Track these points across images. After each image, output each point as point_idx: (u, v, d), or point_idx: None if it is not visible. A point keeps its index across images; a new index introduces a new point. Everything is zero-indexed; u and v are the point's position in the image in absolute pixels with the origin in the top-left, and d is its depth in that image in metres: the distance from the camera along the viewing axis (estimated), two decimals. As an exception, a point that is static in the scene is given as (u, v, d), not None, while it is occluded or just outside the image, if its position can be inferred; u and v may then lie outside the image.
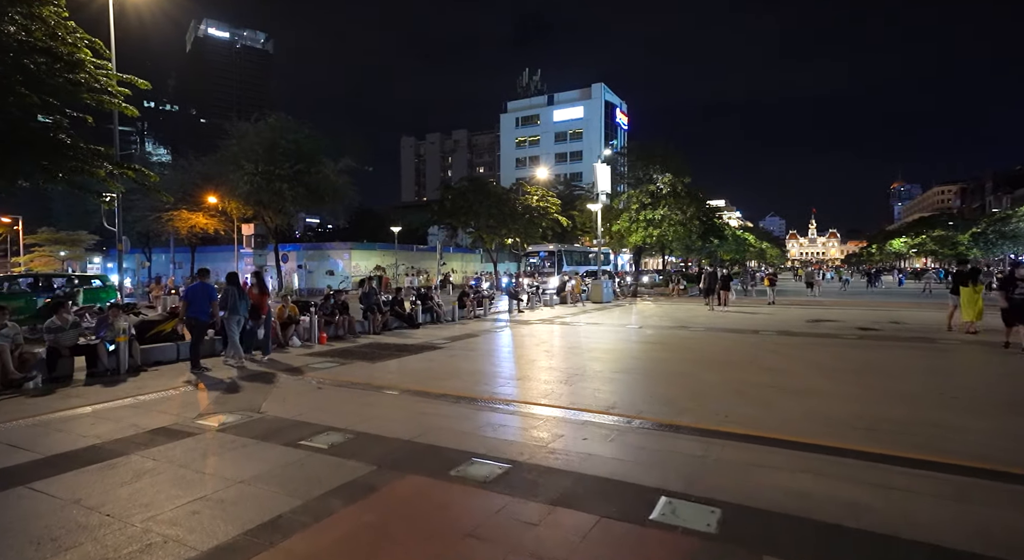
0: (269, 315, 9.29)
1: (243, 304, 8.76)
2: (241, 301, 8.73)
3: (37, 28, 13.05)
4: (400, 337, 12.11)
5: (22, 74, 12.89)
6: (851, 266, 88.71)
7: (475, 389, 6.76)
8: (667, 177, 25.51)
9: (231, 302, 8.59)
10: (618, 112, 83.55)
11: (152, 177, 16.72)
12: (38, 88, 13.33)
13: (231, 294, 8.64)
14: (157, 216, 33.59)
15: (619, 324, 14.55)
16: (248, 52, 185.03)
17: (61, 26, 13.47)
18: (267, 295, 9.34)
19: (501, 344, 11.02)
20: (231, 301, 8.59)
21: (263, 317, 9.05)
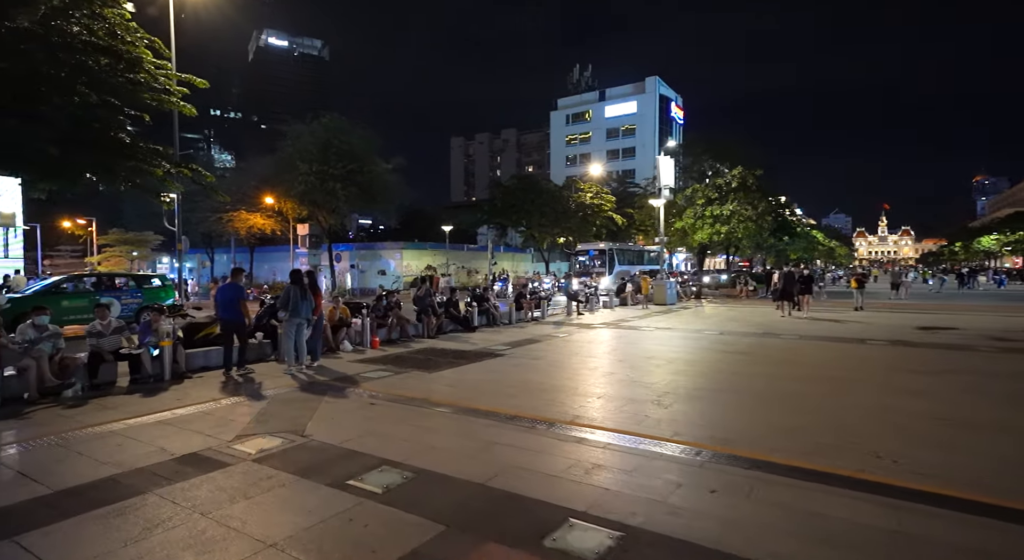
0: (320, 318, 8.58)
1: (305, 306, 8.06)
2: (303, 302, 8.03)
3: (99, 27, 13.00)
4: (456, 342, 11.24)
5: (86, 75, 12.89)
6: (928, 266, 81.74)
7: (551, 410, 5.71)
8: (737, 170, 23.57)
9: (292, 303, 7.92)
10: (673, 106, 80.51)
11: (208, 177, 16.67)
12: (99, 88, 13.32)
13: (292, 294, 7.98)
14: (218, 217, 34.56)
15: (693, 329, 13.13)
16: (305, 59, 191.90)
17: (121, 25, 13.41)
18: (319, 295, 8.62)
19: (567, 351, 9.92)
20: (292, 302, 7.92)
21: (314, 319, 8.35)
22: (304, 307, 7.98)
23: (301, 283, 8.16)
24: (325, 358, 9.00)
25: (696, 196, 24.50)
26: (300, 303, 7.94)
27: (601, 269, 30.40)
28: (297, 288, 8.04)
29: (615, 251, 31.94)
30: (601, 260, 31.42)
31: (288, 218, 34.05)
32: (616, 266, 30.50)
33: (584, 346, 10.61)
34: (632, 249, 36.97)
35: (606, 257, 31.11)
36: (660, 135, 78.03)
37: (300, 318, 7.92)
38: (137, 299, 15.32)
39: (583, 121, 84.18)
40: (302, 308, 7.94)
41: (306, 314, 8.01)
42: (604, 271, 29.96)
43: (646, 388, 6.75)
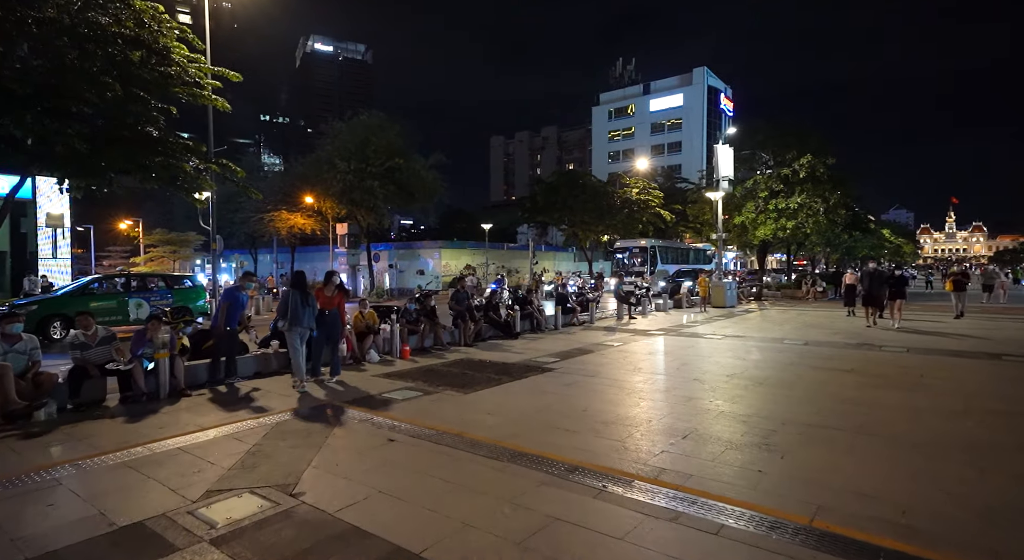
0: (339, 325, 7.37)
1: (307, 313, 6.91)
2: (305, 308, 6.88)
3: (128, 17, 12.36)
4: (496, 351, 9.89)
5: (117, 69, 12.31)
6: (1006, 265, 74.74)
7: (626, 457, 4.25)
8: (806, 158, 21.24)
9: (291, 311, 6.78)
10: (723, 98, 76.87)
11: (239, 172, 15.92)
12: (131, 82, 12.75)
13: (291, 301, 6.84)
14: (259, 217, 34.59)
15: (770, 338, 11.32)
16: (350, 64, 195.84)
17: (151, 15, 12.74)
18: (340, 298, 7.41)
19: (627, 365, 8.40)
20: (290, 309, 6.78)
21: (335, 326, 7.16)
22: (306, 315, 6.83)
23: (302, 287, 7.01)
24: (348, 371, 7.82)
25: (758, 188, 22.23)
26: (300, 310, 6.78)
27: (641, 268, 28.25)
28: (298, 293, 6.88)
29: (657, 248, 29.80)
30: (642, 258, 29.31)
31: (327, 217, 33.71)
32: (658, 264, 28.46)
33: (645, 359, 9.05)
34: (676, 247, 34.40)
35: (647, 255, 28.97)
36: (708, 128, 74.60)
37: (302, 327, 6.77)
38: (167, 300, 14.74)
39: (626, 116, 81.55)
40: (303, 316, 6.79)
41: (308, 323, 6.86)
42: (644, 270, 27.79)
43: (743, 422, 5.18)
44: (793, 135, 22.34)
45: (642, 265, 28.69)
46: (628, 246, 30.99)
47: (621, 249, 31.31)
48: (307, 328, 6.90)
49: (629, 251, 30.53)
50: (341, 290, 7.39)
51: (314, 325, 7.01)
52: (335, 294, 7.31)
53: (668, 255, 31.35)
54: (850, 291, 16.29)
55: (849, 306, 16.21)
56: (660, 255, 29.69)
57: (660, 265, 28.82)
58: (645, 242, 30.25)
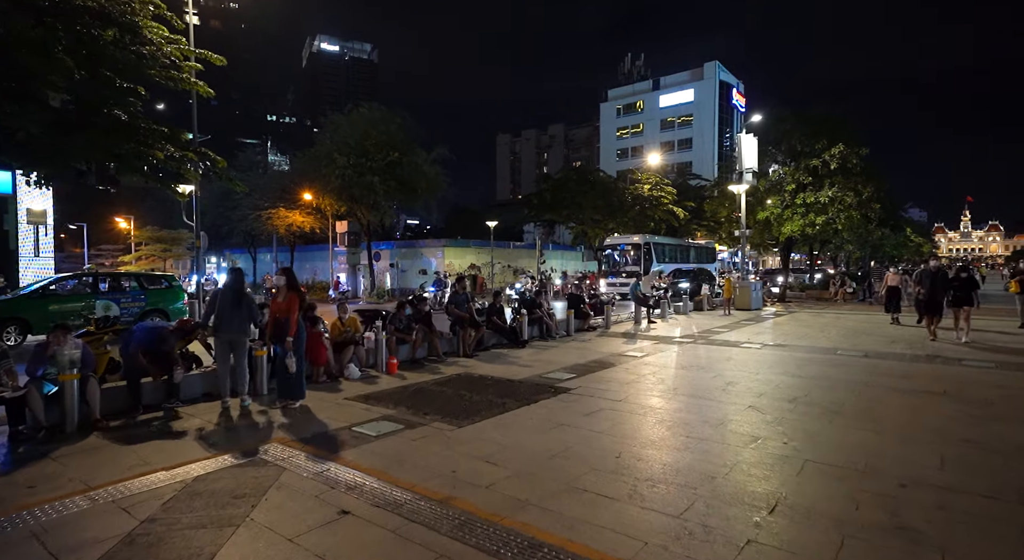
0: (300, 337, 5.89)
1: (237, 317, 5.53)
2: (234, 312, 5.50)
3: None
4: (501, 363, 8.42)
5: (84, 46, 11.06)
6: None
7: (700, 554, 2.76)
8: (837, 148, 19.61)
9: (218, 311, 5.44)
10: (735, 93, 74.95)
11: (220, 162, 14.61)
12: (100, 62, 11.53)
13: (219, 300, 5.51)
14: (256, 215, 33.33)
15: (818, 348, 9.76)
16: (356, 63, 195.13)
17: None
18: (292, 302, 5.91)
19: (658, 384, 6.90)
20: (217, 309, 5.45)
21: (291, 339, 5.68)
22: (235, 319, 5.44)
23: (237, 283, 5.61)
24: (318, 391, 6.37)
25: (784, 181, 20.62)
26: (229, 313, 5.40)
27: (634, 267, 24.97)
28: (230, 292, 5.48)
29: (653, 245, 26.29)
30: (635, 256, 25.86)
31: (327, 215, 32.41)
32: (653, 263, 25.07)
33: (678, 375, 7.54)
34: (675, 244, 31.19)
35: (641, 252, 25.47)
36: (720, 124, 72.81)
37: (232, 333, 5.39)
38: (140, 302, 13.40)
39: (635, 112, 79.80)
40: (233, 319, 5.41)
41: (238, 328, 5.46)
42: (638, 269, 24.49)
43: (842, 480, 3.68)
44: (824, 123, 20.70)
45: (635, 264, 25.29)
46: (619, 242, 27.51)
47: (611, 246, 27.88)
48: (240, 334, 5.52)
49: (620, 248, 27.15)
50: (294, 291, 5.89)
51: (251, 332, 5.64)
52: (287, 297, 5.83)
53: (666, 253, 28.20)
54: (893, 294, 13.98)
55: (893, 312, 13.87)
56: (656, 253, 26.40)
57: (656, 264, 25.34)
58: (639, 238, 26.71)
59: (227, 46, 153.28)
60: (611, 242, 28.25)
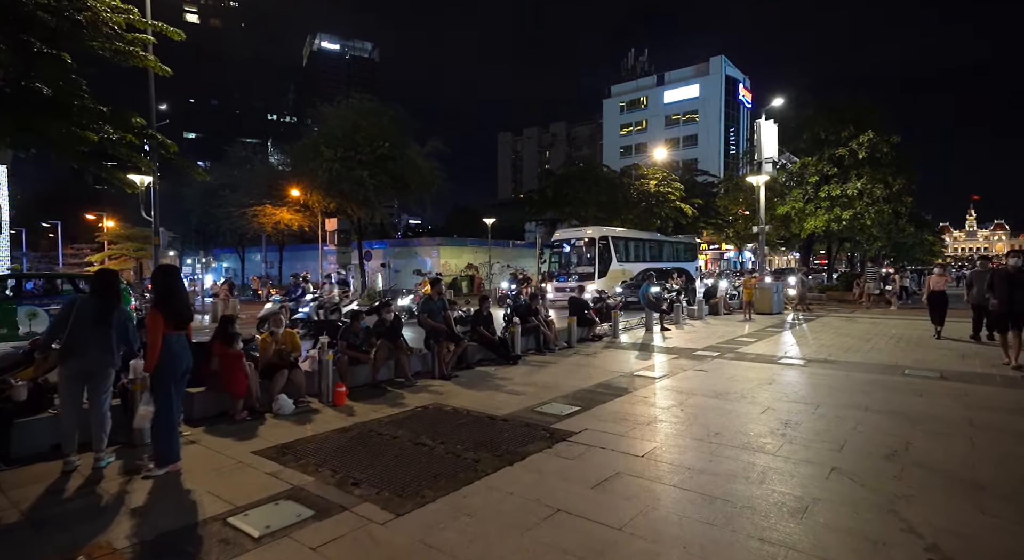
0: (165, 373, 4.02)
1: (99, 340, 3.82)
2: (96, 332, 3.79)
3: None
4: (484, 387, 6.65)
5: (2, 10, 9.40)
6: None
7: None
8: (866, 135, 17.79)
9: (71, 331, 3.73)
10: (741, 88, 73.06)
11: (172, 147, 12.89)
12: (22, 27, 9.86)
13: (73, 315, 3.78)
14: (241, 212, 31.62)
15: (875, 365, 7.94)
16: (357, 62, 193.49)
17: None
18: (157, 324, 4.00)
19: (691, 426, 5.11)
20: (70, 329, 3.73)
21: (145, 375, 3.91)
22: (94, 342, 3.76)
23: (104, 294, 3.87)
24: (223, 438, 4.62)
25: (807, 172, 18.80)
26: (87, 333, 3.70)
27: (586, 267, 20.49)
28: (90, 303, 3.76)
29: (612, 241, 21.35)
30: (589, 254, 20.71)
31: (315, 212, 30.70)
32: (612, 263, 20.86)
33: (711, 409, 5.73)
34: (642, 239, 25.81)
35: (595, 250, 20.40)
36: (726, 121, 70.92)
37: (88, 364, 3.86)
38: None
39: (639, 109, 77.92)
40: (87, 344, 3.71)
41: (98, 357, 3.91)
42: (591, 270, 20.15)
43: None
44: (849, 110, 18.87)
45: (587, 264, 20.69)
46: (570, 237, 22.19)
47: (561, 242, 22.47)
48: (100, 365, 3.80)
49: (571, 244, 21.84)
50: (157, 304, 4.06)
51: (117, 362, 3.89)
52: (150, 313, 4.04)
53: (630, 250, 23.46)
54: (938, 301, 11.26)
55: (936, 323, 11.21)
56: (617, 249, 21.72)
57: (616, 264, 21.03)
58: (593, 232, 21.44)
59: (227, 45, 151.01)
60: (560, 237, 22.91)
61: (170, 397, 3.83)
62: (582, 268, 20.85)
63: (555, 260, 22.47)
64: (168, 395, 3.82)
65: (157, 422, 3.81)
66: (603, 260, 20.56)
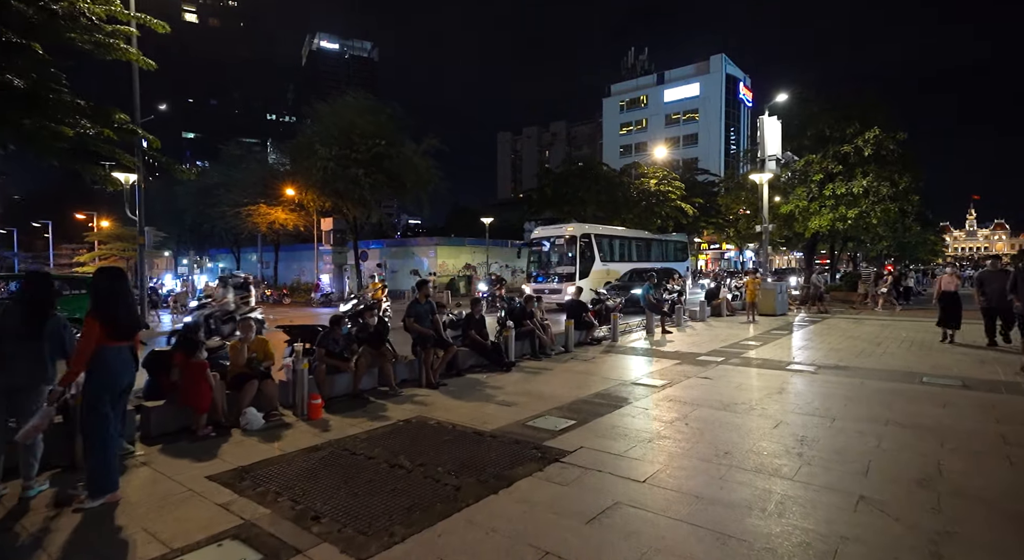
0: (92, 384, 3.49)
1: (28, 353, 3.40)
2: (23, 345, 3.37)
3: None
4: (473, 397, 6.19)
5: None
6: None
7: None
8: (872, 132, 17.34)
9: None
10: (741, 87, 72.60)
11: (154, 143, 12.47)
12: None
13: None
14: (235, 212, 31.12)
15: (889, 372, 7.48)
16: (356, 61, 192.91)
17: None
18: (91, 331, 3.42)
19: (698, 443, 4.65)
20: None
21: (56, 388, 3.45)
22: (21, 355, 3.46)
23: (33, 300, 3.43)
24: (180, 458, 4.16)
25: (811, 170, 18.33)
26: (12, 345, 3.34)
27: (567, 267, 19.08)
28: (18, 310, 3.34)
29: (594, 238, 19.83)
30: (570, 252, 19.11)
31: (310, 211, 30.24)
32: (596, 262, 19.49)
33: (719, 423, 5.27)
34: (627, 236, 23.99)
35: (576, 248, 18.87)
36: (727, 119, 70.46)
37: (17, 378, 3.48)
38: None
39: (639, 108, 77.43)
40: (13, 357, 3.35)
41: (27, 371, 3.51)
42: (572, 270, 18.75)
43: None
44: (855, 106, 18.40)
45: (570, 263, 19.15)
46: (550, 235, 20.46)
47: (540, 239, 20.84)
48: (30, 380, 3.37)
49: (550, 242, 20.25)
50: (93, 311, 3.55)
51: (52, 377, 3.43)
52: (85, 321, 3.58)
53: (615, 248, 21.99)
54: (951, 303, 10.44)
55: (948, 327, 10.40)
56: (600, 248, 20.17)
57: (600, 263, 19.63)
58: (573, 229, 19.79)
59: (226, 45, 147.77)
60: (539, 234, 21.24)
61: (104, 417, 3.37)
62: (563, 268, 19.38)
63: (535, 259, 20.98)
64: (101, 415, 3.35)
65: (89, 446, 3.36)
66: (585, 259, 19.17)
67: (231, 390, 5.24)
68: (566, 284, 18.34)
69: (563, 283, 18.62)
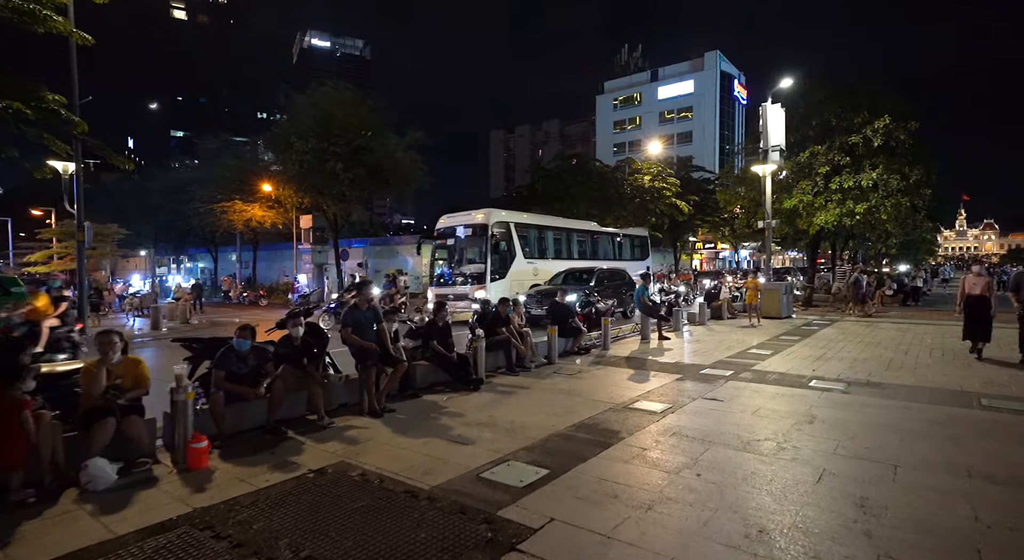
0: None
1: None
2: None
3: None
4: (420, 432, 4.79)
5: None
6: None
7: None
8: (882, 121, 16.11)
9: None
10: (736, 84, 71.59)
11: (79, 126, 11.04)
12: None
13: None
14: (210, 208, 29.56)
15: (935, 390, 6.17)
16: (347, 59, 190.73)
17: None
18: None
19: (708, 508, 3.31)
20: None
21: None
22: None
23: None
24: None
25: (816, 162, 17.07)
26: None
27: (477, 266, 14.99)
28: None
29: (514, 229, 15.78)
30: (478, 246, 15.14)
31: (288, 208, 28.75)
32: (516, 260, 15.67)
33: (738, 471, 3.93)
34: (562, 228, 19.27)
35: (486, 241, 14.76)
36: (721, 117, 69.44)
37: None
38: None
39: (632, 105, 76.25)
40: None
41: None
42: (482, 269, 14.71)
43: None
44: (863, 94, 17.17)
45: (478, 261, 15.02)
46: (457, 224, 15.79)
47: (446, 230, 16.19)
48: None
49: (455, 235, 15.72)
50: None
51: None
52: None
53: (545, 243, 17.36)
54: (979, 309, 8.32)
55: (977, 339, 8.38)
56: (524, 242, 16.13)
57: (523, 261, 15.83)
58: (485, 215, 15.34)
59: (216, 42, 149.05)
60: (446, 223, 16.39)
61: None
62: (470, 267, 15.13)
63: (442, 256, 16.39)
64: None
65: None
66: (499, 255, 14.97)
67: (82, 430, 3.84)
68: (474, 287, 14.21)
69: (471, 286, 14.42)
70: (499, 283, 14.78)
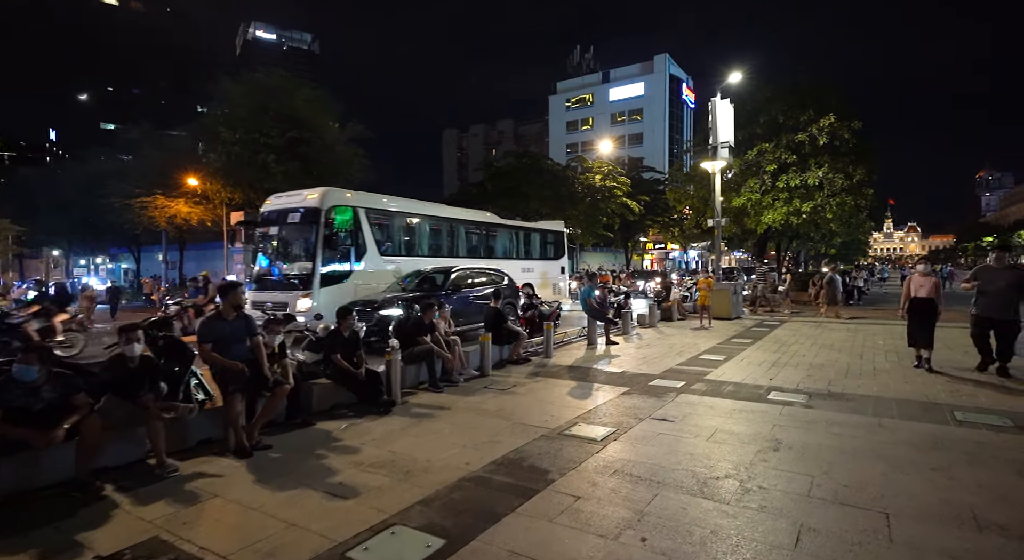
0: None
1: None
2: None
3: None
4: (291, 479, 3.60)
5: None
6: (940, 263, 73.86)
7: None
8: (827, 120, 16.05)
9: None
10: (684, 88, 73.08)
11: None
12: None
13: None
14: (125, 203, 26.83)
15: (901, 402, 5.55)
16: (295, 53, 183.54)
17: None
18: None
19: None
20: None
21: None
22: None
23: None
24: None
25: (763, 160, 16.90)
26: None
27: (305, 264, 10.75)
28: None
29: (364, 216, 11.41)
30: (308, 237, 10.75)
31: (216, 204, 26.51)
32: (369, 258, 11.40)
33: (701, 525, 3.02)
34: (441, 218, 14.46)
35: (318, 231, 10.50)
36: (670, 119, 70.67)
37: None
38: None
39: (585, 106, 76.57)
40: None
41: None
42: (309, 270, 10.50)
43: None
44: (811, 92, 17.12)
45: (308, 257, 10.68)
46: (284, 207, 11.34)
47: (270, 214, 11.62)
48: None
49: (280, 221, 11.26)
50: None
51: None
52: None
53: (417, 239, 13.29)
54: (924, 312, 7.41)
55: (920, 345, 7.46)
56: (380, 233, 11.96)
57: (376, 259, 11.60)
58: (317, 197, 10.89)
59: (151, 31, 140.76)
60: (271, 207, 11.79)
61: None
62: (297, 265, 11.01)
63: (266, 250, 11.65)
64: None
65: None
66: (338, 251, 10.81)
67: None
68: (298, 295, 10.28)
69: (294, 293, 10.40)
70: (335, 289, 10.57)
